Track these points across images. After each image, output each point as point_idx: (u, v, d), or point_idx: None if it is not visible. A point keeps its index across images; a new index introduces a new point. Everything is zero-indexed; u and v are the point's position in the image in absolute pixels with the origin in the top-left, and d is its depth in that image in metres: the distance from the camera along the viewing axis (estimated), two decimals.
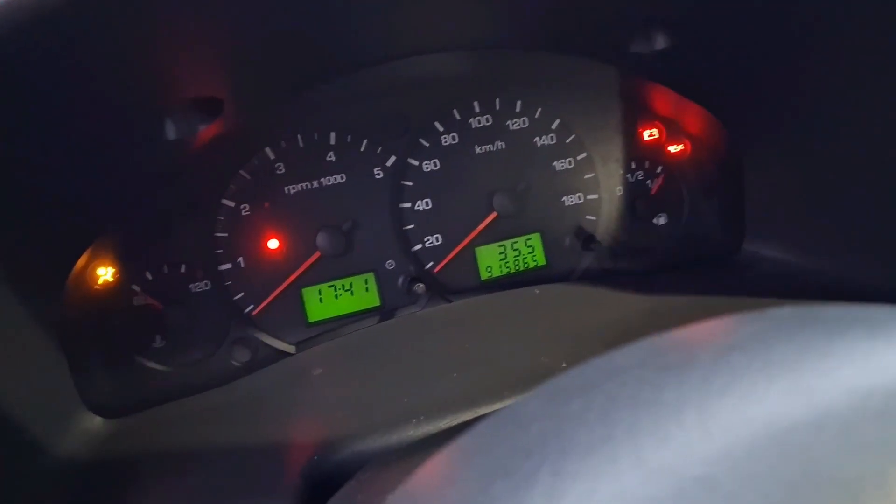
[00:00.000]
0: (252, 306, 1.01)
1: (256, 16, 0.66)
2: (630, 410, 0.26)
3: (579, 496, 0.24)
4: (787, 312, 0.34)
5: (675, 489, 0.23)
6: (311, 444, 0.71)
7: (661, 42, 0.84)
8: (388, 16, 0.78)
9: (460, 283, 1.08)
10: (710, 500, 0.23)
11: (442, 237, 1.07)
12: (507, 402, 0.72)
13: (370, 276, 1.05)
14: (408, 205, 1.06)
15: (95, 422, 0.86)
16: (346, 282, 1.04)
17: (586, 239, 1.09)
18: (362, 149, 1.04)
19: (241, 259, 1.01)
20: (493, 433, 0.31)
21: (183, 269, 0.99)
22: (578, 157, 1.10)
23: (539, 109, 1.09)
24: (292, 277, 1.02)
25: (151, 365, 0.97)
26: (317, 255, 1.02)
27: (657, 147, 1.12)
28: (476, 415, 0.70)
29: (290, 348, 1.02)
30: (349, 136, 1.04)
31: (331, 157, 1.03)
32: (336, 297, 1.03)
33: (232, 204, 1.00)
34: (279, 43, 0.76)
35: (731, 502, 0.23)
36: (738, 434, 0.25)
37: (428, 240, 1.07)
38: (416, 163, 1.06)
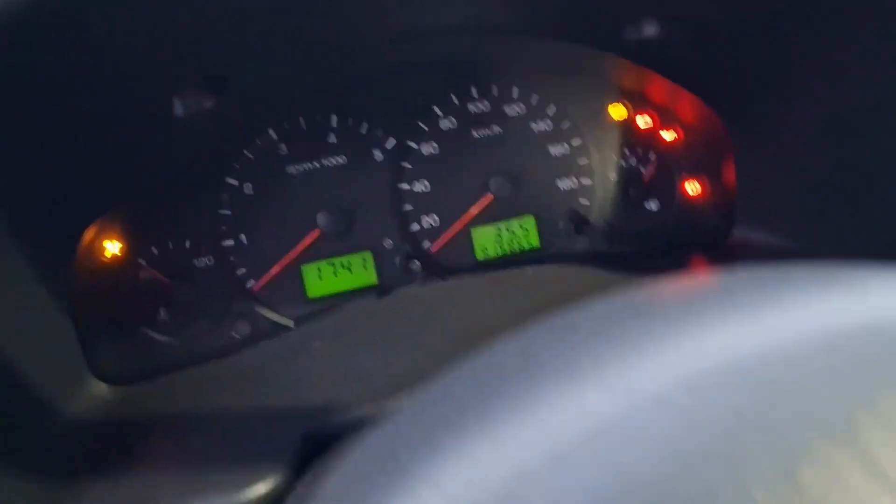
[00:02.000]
0: (253, 282, 1.04)
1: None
2: (594, 342, 0.29)
3: (550, 409, 0.27)
4: (750, 272, 0.36)
5: (629, 407, 0.26)
6: (308, 412, 0.74)
7: (651, 29, 0.86)
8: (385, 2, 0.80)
9: (456, 263, 1.10)
10: (666, 418, 0.26)
11: (439, 218, 1.10)
12: None
13: (368, 255, 1.07)
14: (406, 186, 1.09)
15: (101, 388, 0.89)
16: (345, 260, 1.07)
17: (580, 222, 1.11)
18: (363, 131, 1.07)
19: (243, 236, 1.03)
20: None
21: (187, 244, 1.01)
22: (573, 143, 1.13)
23: (535, 96, 1.12)
24: (293, 254, 1.04)
25: (156, 336, 0.99)
26: (317, 233, 1.05)
27: (651, 134, 1.15)
28: None
29: (290, 322, 1.05)
30: (350, 119, 1.07)
31: (332, 138, 1.06)
32: (335, 274, 1.06)
33: (235, 182, 1.03)
34: (284, 26, 0.78)
35: (685, 419, 0.26)
36: (695, 361, 0.28)
37: (425, 220, 1.09)
38: (415, 145, 1.09)
